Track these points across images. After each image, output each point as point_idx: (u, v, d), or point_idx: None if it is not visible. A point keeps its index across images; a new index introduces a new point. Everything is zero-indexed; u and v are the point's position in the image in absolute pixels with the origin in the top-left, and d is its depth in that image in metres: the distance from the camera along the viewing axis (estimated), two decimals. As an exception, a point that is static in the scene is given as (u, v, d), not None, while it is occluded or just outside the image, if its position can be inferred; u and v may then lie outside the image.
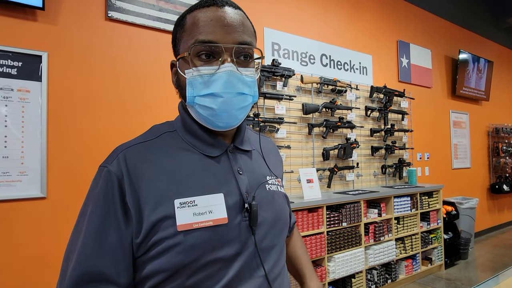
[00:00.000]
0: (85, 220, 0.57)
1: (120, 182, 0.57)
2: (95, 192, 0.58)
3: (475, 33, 5.48)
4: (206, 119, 0.61)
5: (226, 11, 0.59)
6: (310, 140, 3.16)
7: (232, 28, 0.59)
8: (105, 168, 0.59)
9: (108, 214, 0.56)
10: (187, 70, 0.60)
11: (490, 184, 5.52)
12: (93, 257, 0.54)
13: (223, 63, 0.58)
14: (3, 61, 1.83)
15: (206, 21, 0.58)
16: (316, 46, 3.30)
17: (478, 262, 4.04)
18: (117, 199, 0.56)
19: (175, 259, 0.54)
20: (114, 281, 0.55)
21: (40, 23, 1.95)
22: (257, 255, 0.61)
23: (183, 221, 0.55)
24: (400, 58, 4.16)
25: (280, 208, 0.69)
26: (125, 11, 2.21)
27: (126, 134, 2.19)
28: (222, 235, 0.58)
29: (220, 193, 0.60)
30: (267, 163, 0.73)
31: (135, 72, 2.26)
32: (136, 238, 0.56)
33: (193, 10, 0.61)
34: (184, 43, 0.61)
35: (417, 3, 4.47)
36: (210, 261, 0.56)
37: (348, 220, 2.81)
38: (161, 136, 0.65)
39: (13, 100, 1.85)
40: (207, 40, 0.57)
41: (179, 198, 0.57)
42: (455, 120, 4.99)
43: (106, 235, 0.55)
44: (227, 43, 0.58)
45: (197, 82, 0.59)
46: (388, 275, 3.13)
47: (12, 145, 1.84)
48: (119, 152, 0.61)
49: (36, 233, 1.88)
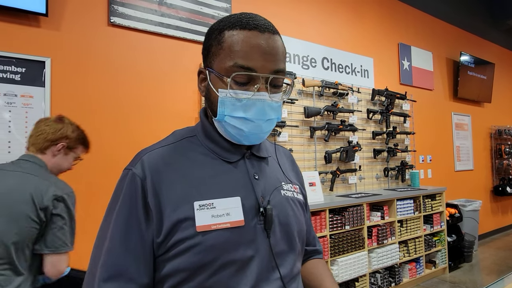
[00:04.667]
0: (112, 220, 0.60)
1: (143, 184, 0.60)
2: (120, 193, 0.61)
3: (476, 35, 5.48)
4: (233, 137, 0.64)
5: (266, 38, 0.61)
6: (312, 143, 3.16)
7: (271, 56, 0.60)
8: (129, 170, 0.62)
9: (131, 214, 0.59)
10: (221, 89, 0.61)
11: (493, 186, 5.50)
12: (119, 257, 0.58)
13: (259, 91, 0.60)
14: (7, 67, 1.84)
15: (247, 46, 0.59)
16: (317, 49, 3.31)
17: (482, 265, 4.01)
18: (140, 200, 0.59)
19: (194, 258, 0.57)
20: (136, 280, 0.58)
21: (43, 29, 1.96)
22: (272, 258, 0.63)
23: (202, 222, 0.58)
24: (401, 61, 4.16)
25: (294, 213, 0.69)
26: (127, 16, 2.23)
27: (128, 139, 2.20)
28: (239, 237, 0.60)
29: (237, 197, 0.62)
30: (283, 169, 0.75)
31: (138, 77, 2.28)
32: (157, 238, 0.58)
33: (233, 28, 0.61)
34: (221, 62, 0.61)
35: (417, 6, 4.48)
36: (228, 261, 0.58)
37: (351, 223, 2.80)
38: (182, 141, 0.68)
39: (17, 106, 1.86)
40: (247, 67, 0.59)
41: (198, 200, 0.59)
42: (457, 122, 4.98)
43: (130, 235, 0.58)
44: (264, 72, 0.60)
45: (229, 103, 0.61)
46: (391, 278, 3.12)
47: (15, 150, 1.85)
48: (143, 155, 0.64)
49: (39, 238, 1.88)
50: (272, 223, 0.63)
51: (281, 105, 0.66)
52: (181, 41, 2.46)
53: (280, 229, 0.65)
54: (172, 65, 2.42)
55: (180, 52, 2.46)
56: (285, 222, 0.67)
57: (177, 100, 2.41)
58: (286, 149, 0.87)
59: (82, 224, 2.01)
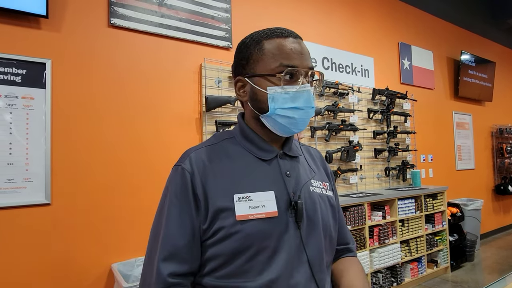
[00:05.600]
0: (165, 209, 0.70)
1: (192, 178, 0.69)
2: (173, 186, 0.71)
3: (477, 34, 5.47)
4: (282, 127, 0.73)
5: (299, 42, 0.73)
6: (312, 143, 3.15)
7: (305, 56, 0.72)
8: (179, 166, 0.72)
9: (183, 204, 0.69)
10: (269, 87, 0.71)
11: (495, 185, 5.49)
12: (175, 241, 0.67)
13: (303, 83, 0.71)
14: (8, 69, 1.85)
15: (287, 49, 0.71)
16: (317, 49, 3.31)
17: (484, 264, 4.00)
18: (190, 192, 0.69)
19: (234, 244, 0.66)
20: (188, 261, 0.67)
21: (43, 31, 1.97)
22: (302, 248, 0.70)
23: (241, 212, 0.66)
24: (401, 60, 4.16)
25: (321, 208, 0.77)
26: (127, 17, 2.23)
27: (130, 139, 2.20)
28: (273, 227, 0.68)
29: (271, 191, 0.70)
30: (312, 168, 0.83)
31: (138, 78, 2.28)
32: (203, 225, 0.68)
33: (270, 37, 0.72)
34: (266, 65, 0.72)
35: (417, 5, 4.47)
36: (262, 248, 0.66)
37: (352, 223, 2.80)
38: (222, 141, 0.77)
39: (18, 108, 1.87)
40: (292, 65, 0.70)
41: (237, 193, 0.68)
42: (458, 121, 4.97)
43: (183, 222, 0.68)
44: (304, 68, 0.71)
45: (280, 97, 0.71)
46: (393, 278, 3.11)
47: (16, 152, 1.85)
48: (191, 153, 0.74)
49: (41, 240, 1.88)
50: (302, 216, 0.71)
51: None
52: (181, 42, 2.46)
53: (308, 221, 0.72)
54: (172, 66, 2.42)
55: (180, 53, 2.46)
56: (313, 216, 0.74)
57: (178, 100, 2.41)
58: (316, 149, 0.95)
59: (84, 224, 2.02)
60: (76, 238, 1.98)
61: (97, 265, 2.03)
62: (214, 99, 2.45)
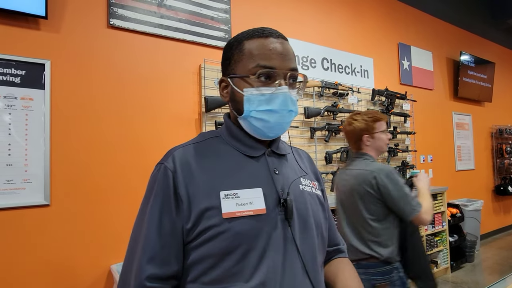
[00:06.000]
0: (147, 209, 0.67)
1: (174, 176, 0.66)
2: (154, 185, 0.68)
3: (476, 35, 5.48)
4: (258, 130, 0.71)
5: (280, 42, 0.70)
6: (312, 144, 3.15)
7: (286, 57, 0.70)
8: (162, 165, 0.69)
9: (164, 204, 0.66)
10: (246, 88, 0.69)
11: (494, 185, 5.48)
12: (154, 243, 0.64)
13: (280, 86, 0.68)
14: (7, 70, 1.84)
15: (266, 49, 0.69)
16: (317, 50, 3.31)
17: (484, 264, 4.00)
18: (171, 191, 0.66)
19: (221, 244, 0.62)
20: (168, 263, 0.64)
21: (43, 32, 1.97)
22: (294, 246, 0.68)
23: (227, 209, 0.64)
24: (401, 61, 4.16)
25: (311, 207, 0.75)
26: (126, 18, 2.23)
27: (129, 140, 2.20)
28: (262, 224, 0.65)
29: (259, 188, 0.68)
30: (301, 167, 0.82)
31: (138, 79, 2.28)
32: (186, 224, 0.65)
33: (251, 38, 0.70)
34: (244, 65, 0.70)
35: (417, 6, 4.48)
36: (252, 247, 0.63)
37: (352, 223, 2.79)
38: (207, 140, 0.75)
39: (17, 108, 1.86)
40: (268, 66, 0.68)
41: (223, 190, 0.66)
42: (458, 122, 4.97)
43: (163, 223, 0.65)
44: (283, 69, 0.69)
45: (255, 99, 0.69)
46: (393, 279, 3.10)
47: (16, 153, 1.85)
48: (174, 151, 0.71)
49: (40, 241, 1.88)
50: (292, 213, 0.69)
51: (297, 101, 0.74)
52: (180, 43, 2.46)
53: (299, 219, 0.70)
54: (172, 67, 2.42)
55: (179, 54, 2.46)
56: (303, 214, 0.72)
57: (177, 101, 2.41)
58: (304, 150, 0.93)
59: (83, 225, 2.01)
60: (75, 239, 1.98)
61: (96, 266, 2.03)
62: (214, 100, 2.45)
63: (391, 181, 1.45)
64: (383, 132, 1.61)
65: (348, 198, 1.56)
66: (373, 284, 1.45)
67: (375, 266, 1.45)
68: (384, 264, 1.45)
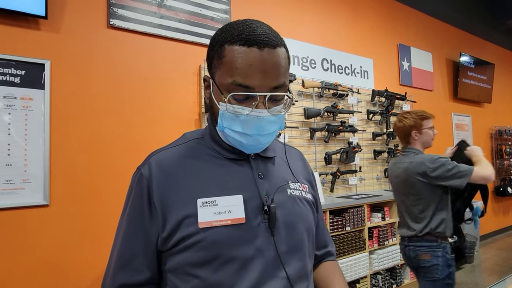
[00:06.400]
0: (124, 217, 0.67)
1: (149, 184, 0.64)
2: (130, 193, 0.67)
3: (476, 36, 5.48)
4: (234, 145, 0.67)
5: (266, 55, 0.60)
6: (312, 144, 3.15)
7: (270, 74, 0.60)
8: (139, 170, 0.67)
9: (137, 212, 0.64)
10: (222, 103, 0.62)
11: (494, 186, 5.48)
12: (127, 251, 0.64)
13: (257, 107, 0.61)
14: (7, 70, 1.84)
15: (246, 64, 0.59)
16: (317, 50, 3.31)
17: (484, 266, 4.00)
18: (145, 199, 0.64)
19: (197, 254, 0.60)
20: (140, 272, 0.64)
21: (43, 32, 1.97)
22: (277, 256, 0.63)
23: (204, 219, 0.60)
24: (401, 62, 4.16)
25: (301, 212, 0.70)
26: (126, 18, 2.23)
27: (129, 140, 2.20)
28: (241, 234, 0.61)
29: (239, 195, 0.64)
30: (291, 169, 0.76)
31: (137, 79, 2.28)
32: (162, 233, 0.62)
33: (233, 43, 0.61)
34: (221, 77, 0.62)
35: (417, 7, 4.48)
36: (230, 258, 0.60)
37: (351, 224, 2.79)
38: (189, 142, 0.72)
39: (16, 108, 1.86)
40: (245, 85, 0.59)
41: (201, 197, 0.62)
42: (457, 123, 4.97)
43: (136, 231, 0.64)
44: (263, 89, 0.60)
45: (229, 117, 0.63)
46: (393, 279, 3.10)
47: (15, 153, 1.85)
48: (151, 156, 0.69)
49: (39, 241, 1.88)
50: (276, 221, 0.64)
51: (283, 115, 0.67)
52: (180, 43, 2.46)
53: (285, 228, 0.66)
54: (172, 67, 2.42)
55: (179, 54, 2.46)
56: (291, 221, 0.67)
57: (177, 101, 2.41)
58: (297, 149, 0.88)
59: (82, 225, 2.01)
60: (75, 239, 1.98)
61: (95, 267, 2.02)
62: (214, 100, 2.44)
63: (438, 164, 1.70)
64: (430, 129, 1.89)
65: (401, 188, 1.85)
66: (417, 253, 1.75)
67: (421, 241, 1.75)
68: (431, 240, 1.72)
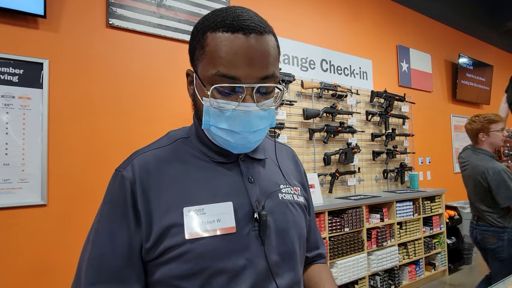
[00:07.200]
0: (99, 224, 0.59)
1: (133, 188, 0.58)
2: (110, 195, 0.60)
3: (475, 37, 5.50)
4: (221, 145, 0.62)
5: (252, 41, 0.54)
6: (311, 145, 3.15)
7: (257, 62, 0.54)
8: (119, 172, 0.60)
9: (119, 217, 0.57)
10: (205, 98, 0.57)
11: (492, 188, 5.49)
12: (106, 264, 0.56)
13: (244, 101, 0.55)
14: (5, 69, 1.84)
15: (231, 52, 0.53)
16: (316, 51, 3.31)
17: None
18: (129, 204, 0.57)
19: (184, 266, 0.55)
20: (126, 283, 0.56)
21: (41, 31, 1.96)
22: (267, 267, 0.59)
23: (191, 229, 0.55)
24: (400, 63, 4.16)
25: (293, 218, 0.66)
26: (125, 18, 2.23)
27: (127, 140, 2.19)
28: (231, 244, 0.57)
29: (229, 202, 0.59)
30: (282, 171, 0.71)
31: (136, 79, 2.27)
32: (146, 243, 0.56)
33: (216, 30, 0.55)
34: (204, 69, 0.56)
35: (416, 8, 4.49)
36: (219, 270, 0.56)
37: (350, 225, 2.79)
38: (175, 142, 0.65)
39: (14, 108, 1.86)
40: (230, 76, 0.53)
41: (188, 206, 0.57)
42: (456, 124, 4.98)
43: (117, 239, 0.57)
44: (250, 80, 0.54)
45: (214, 114, 0.57)
46: (391, 281, 3.10)
47: (13, 152, 1.84)
48: (134, 158, 0.62)
49: (37, 241, 1.87)
50: (266, 229, 0.60)
51: (274, 110, 0.61)
52: (179, 43, 2.46)
53: (277, 235, 0.62)
54: (171, 67, 2.41)
55: (179, 54, 2.45)
56: (283, 228, 0.63)
57: (176, 101, 2.40)
58: (289, 147, 0.83)
59: (80, 224, 2.00)
60: (73, 239, 1.97)
61: (93, 267, 2.01)
62: (212, 100, 2.44)
63: (497, 178, 1.98)
64: (499, 131, 2.11)
65: (469, 180, 2.19)
66: (484, 236, 2.08)
67: (488, 226, 2.07)
68: (497, 226, 2.04)
